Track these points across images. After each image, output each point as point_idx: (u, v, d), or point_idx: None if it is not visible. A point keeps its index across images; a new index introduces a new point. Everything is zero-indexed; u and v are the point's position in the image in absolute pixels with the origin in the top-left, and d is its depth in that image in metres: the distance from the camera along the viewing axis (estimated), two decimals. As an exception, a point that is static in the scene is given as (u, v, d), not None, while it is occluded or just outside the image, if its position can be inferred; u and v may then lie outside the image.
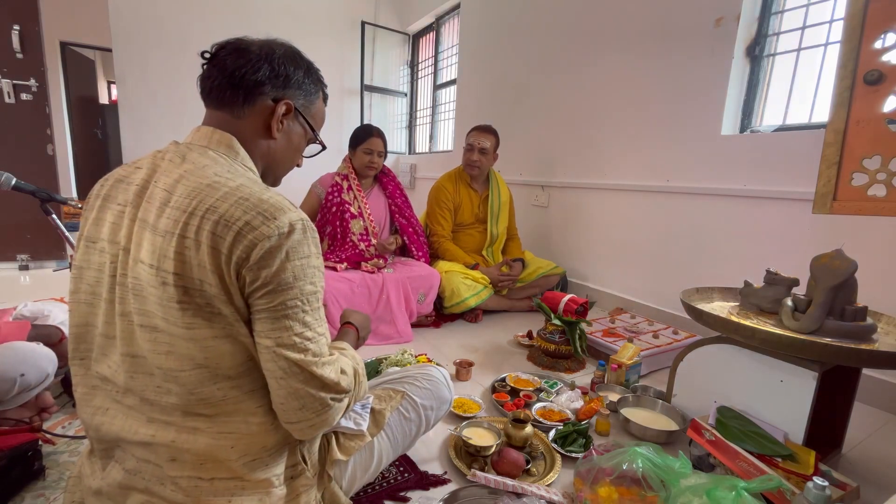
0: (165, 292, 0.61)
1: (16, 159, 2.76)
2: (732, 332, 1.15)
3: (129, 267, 0.64)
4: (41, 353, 1.18)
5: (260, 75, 0.72)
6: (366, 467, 0.90)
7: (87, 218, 0.71)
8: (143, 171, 0.69)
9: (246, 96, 0.72)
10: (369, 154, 2.13)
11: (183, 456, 0.66)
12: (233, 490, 0.68)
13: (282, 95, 0.75)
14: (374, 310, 1.98)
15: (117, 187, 0.70)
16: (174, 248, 0.60)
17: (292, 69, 0.75)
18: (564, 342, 1.78)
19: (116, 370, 0.67)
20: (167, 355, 0.63)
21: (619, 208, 2.48)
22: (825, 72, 1.75)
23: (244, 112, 0.73)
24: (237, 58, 0.71)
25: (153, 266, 0.61)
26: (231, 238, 0.60)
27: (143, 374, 0.65)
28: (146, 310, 0.63)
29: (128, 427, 0.67)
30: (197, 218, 0.61)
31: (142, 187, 0.67)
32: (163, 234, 0.61)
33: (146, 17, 3.65)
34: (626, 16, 2.37)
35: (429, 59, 4.60)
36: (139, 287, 0.63)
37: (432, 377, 1.06)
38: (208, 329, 0.63)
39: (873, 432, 1.39)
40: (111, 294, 0.67)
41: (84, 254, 0.70)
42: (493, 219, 2.52)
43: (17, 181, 1.33)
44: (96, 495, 0.69)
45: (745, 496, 0.81)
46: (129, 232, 0.66)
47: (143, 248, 0.63)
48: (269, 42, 0.75)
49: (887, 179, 1.10)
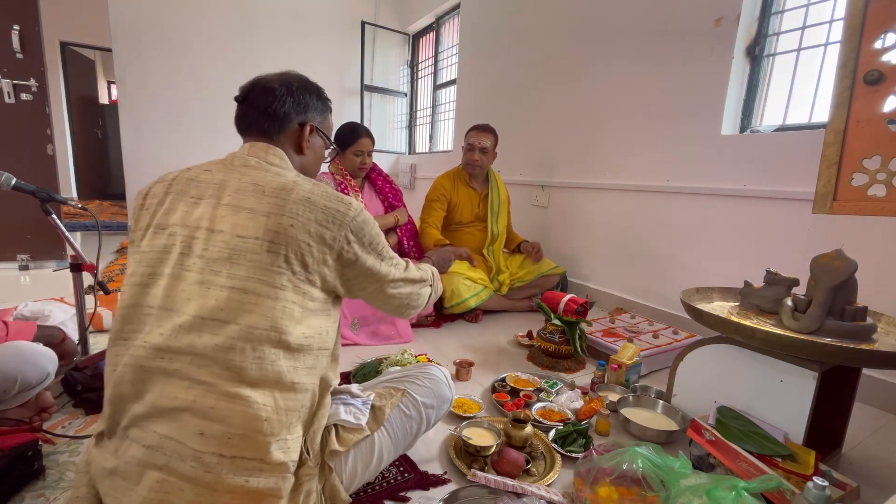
0: (269, 258, 0.74)
1: (16, 159, 2.76)
2: (732, 332, 1.15)
3: (220, 241, 0.75)
4: (42, 352, 1.19)
5: (286, 107, 0.89)
6: (366, 462, 0.91)
7: (155, 211, 0.81)
8: (214, 173, 0.83)
9: (279, 125, 0.89)
10: (360, 156, 2.10)
11: (213, 429, 0.68)
12: (251, 471, 0.70)
13: (304, 119, 0.93)
14: (375, 310, 1.98)
15: (189, 185, 0.82)
16: (284, 225, 0.75)
17: (308, 96, 0.93)
18: (564, 342, 1.78)
19: (172, 335, 0.72)
20: (249, 313, 0.72)
21: (620, 208, 2.49)
22: (825, 72, 1.75)
23: (280, 138, 0.90)
24: (266, 96, 0.88)
25: (258, 238, 0.74)
26: (329, 220, 0.79)
27: (210, 333, 0.71)
28: (239, 274, 0.73)
29: (167, 393, 0.70)
30: (297, 205, 0.77)
31: (220, 184, 0.80)
32: (266, 214, 0.75)
33: (146, 17, 3.65)
34: (625, 16, 2.37)
35: (429, 59, 4.60)
36: (237, 256, 0.74)
37: (433, 376, 1.06)
38: (292, 293, 0.75)
39: (873, 432, 1.39)
40: (178, 269, 0.75)
41: (151, 239, 0.79)
42: (494, 217, 2.52)
43: (17, 181, 1.32)
44: (110, 475, 0.70)
45: (745, 496, 0.81)
46: (212, 216, 0.77)
47: (241, 226, 0.75)
48: (285, 77, 0.93)
49: (887, 179, 1.10)
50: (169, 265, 0.75)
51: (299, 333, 0.75)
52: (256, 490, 0.70)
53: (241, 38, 4.07)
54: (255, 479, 0.70)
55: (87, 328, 1.54)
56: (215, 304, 0.71)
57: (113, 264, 3.05)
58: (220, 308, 0.71)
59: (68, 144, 5.60)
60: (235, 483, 0.69)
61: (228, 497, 0.69)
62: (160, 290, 0.74)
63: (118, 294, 0.81)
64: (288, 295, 0.75)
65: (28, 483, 0.99)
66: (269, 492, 0.71)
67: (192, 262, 0.74)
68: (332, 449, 0.84)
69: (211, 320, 0.71)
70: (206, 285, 0.73)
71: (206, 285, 0.73)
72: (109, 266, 3.01)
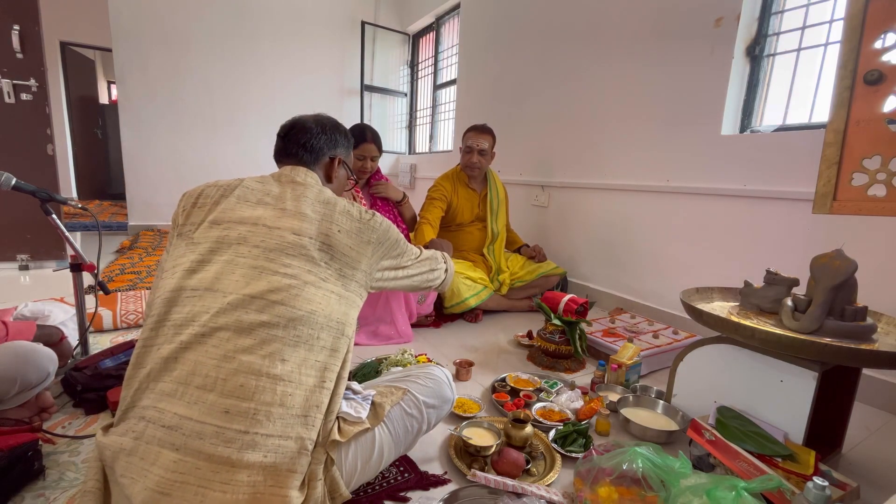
0: (319, 254, 0.88)
1: (16, 159, 2.76)
2: (732, 332, 1.15)
3: (278, 236, 0.86)
4: (42, 352, 1.18)
5: (321, 143, 1.07)
6: (366, 458, 0.91)
7: (210, 209, 0.91)
8: (269, 185, 0.96)
9: (315, 156, 1.06)
10: (361, 160, 2.05)
11: (240, 406, 0.73)
12: (271, 447, 0.73)
13: (334, 154, 1.10)
14: (374, 310, 1.98)
15: (246, 191, 0.94)
16: (331, 230, 0.90)
17: (338, 135, 1.11)
18: (564, 342, 1.78)
19: (219, 312, 0.79)
20: (296, 297, 0.82)
21: (620, 208, 2.48)
22: (825, 72, 1.75)
23: (314, 167, 1.06)
24: (305, 133, 1.05)
25: (312, 238, 0.88)
26: (363, 228, 0.95)
27: (256, 311, 0.79)
28: (293, 264, 0.85)
29: (198, 371, 0.75)
30: (341, 215, 0.93)
31: (279, 195, 0.94)
32: (319, 220, 0.91)
33: (146, 17, 3.65)
34: (626, 15, 2.37)
35: (429, 59, 4.60)
36: (291, 248, 0.86)
37: (435, 376, 1.07)
38: (333, 284, 0.88)
39: (873, 432, 1.39)
40: (232, 255, 0.84)
41: (205, 231, 0.88)
42: (493, 216, 2.52)
43: (17, 181, 1.32)
44: (128, 455, 0.71)
45: (745, 496, 0.81)
46: (272, 217, 0.89)
47: (298, 226, 0.88)
48: (320, 118, 1.10)
49: (887, 179, 1.10)
50: (223, 253, 0.85)
51: (334, 318, 0.86)
52: (274, 465, 0.73)
53: (241, 38, 4.08)
54: (274, 455, 0.73)
55: (88, 328, 1.54)
56: (267, 286, 0.81)
57: (113, 264, 3.05)
58: (272, 290, 0.81)
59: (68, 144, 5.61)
60: (254, 459, 0.71)
61: (246, 473, 0.70)
62: (209, 274, 0.83)
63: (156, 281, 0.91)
64: (329, 286, 0.87)
65: (28, 483, 0.99)
66: (286, 467, 0.74)
67: (247, 251, 0.84)
68: (332, 439, 0.85)
69: (260, 299, 0.80)
70: (259, 269, 0.83)
71: (259, 269, 0.83)
72: (109, 266, 3.00)
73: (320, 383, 0.82)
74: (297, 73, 4.37)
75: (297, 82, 4.39)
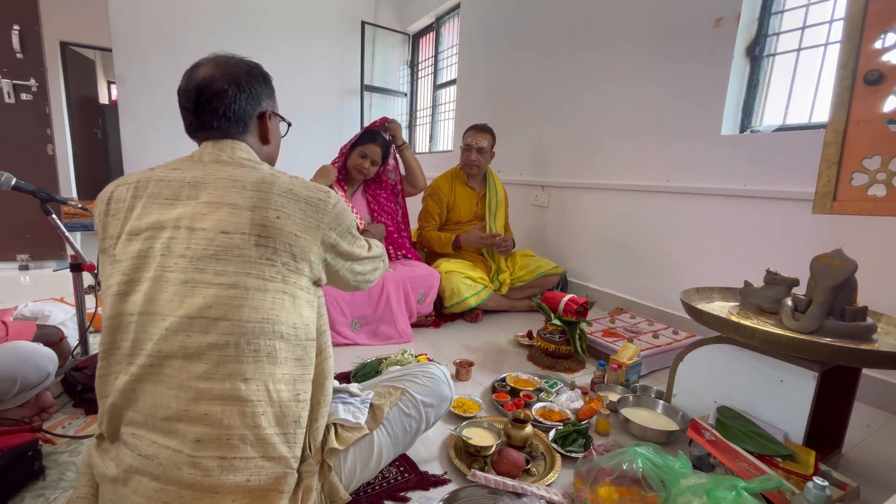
0: (257, 251, 0.73)
1: (16, 159, 2.76)
2: (732, 332, 1.15)
3: (204, 239, 0.73)
4: (42, 352, 1.19)
5: (243, 103, 0.85)
6: (366, 461, 0.91)
7: (126, 217, 0.77)
8: (184, 171, 0.79)
9: (244, 125, 0.87)
10: (362, 158, 2.08)
11: (210, 434, 0.68)
12: (253, 469, 0.70)
13: (262, 109, 0.89)
14: (374, 310, 1.98)
15: (159, 186, 0.78)
16: (269, 218, 0.75)
17: (256, 85, 0.88)
18: (564, 342, 1.78)
19: (161, 339, 0.70)
20: (239, 308, 0.71)
21: (620, 208, 2.48)
22: (825, 72, 1.75)
23: (245, 135, 0.88)
24: (219, 100, 0.83)
25: (244, 234, 0.73)
26: (312, 210, 0.79)
27: (199, 332, 0.70)
28: (228, 270, 0.72)
29: (158, 402, 0.69)
30: (281, 197, 0.76)
31: (194, 183, 0.77)
32: (250, 208, 0.74)
33: (146, 17, 3.65)
34: (626, 15, 2.36)
35: (429, 59, 4.60)
36: (223, 252, 0.72)
37: (433, 375, 1.07)
38: (283, 283, 0.76)
39: (873, 432, 1.39)
40: (159, 271, 0.72)
41: (125, 246, 0.76)
42: (492, 216, 2.52)
43: (17, 181, 1.32)
44: (113, 482, 0.70)
45: (745, 496, 0.81)
46: (191, 215, 0.74)
47: (225, 222, 0.73)
48: (227, 70, 0.85)
49: (887, 179, 1.10)
50: (149, 269, 0.73)
51: (290, 323, 0.76)
52: (258, 487, 0.70)
53: (241, 38, 4.07)
54: (257, 477, 0.70)
55: (88, 328, 1.54)
56: (203, 301, 0.70)
57: (113, 264, 3.05)
58: (209, 305, 0.70)
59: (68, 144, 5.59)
60: (236, 482, 0.69)
61: (230, 498, 0.69)
62: (140, 296, 0.72)
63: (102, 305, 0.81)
64: (278, 286, 0.75)
65: (28, 483, 0.99)
66: (270, 487, 0.72)
67: (173, 263, 0.72)
68: (330, 447, 0.84)
69: (200, 318, 0.70)
70: (191, 284, 0.71)
71: (191, 284, 0.71)
72: (109, 266, 3.00)
73: (294, 397, 0.75)
74: (297, 72, 4.36)
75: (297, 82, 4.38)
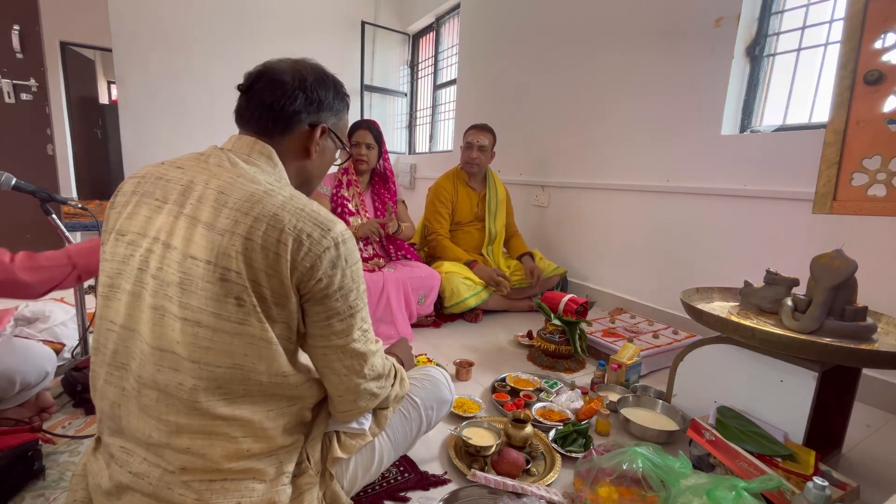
0: (222, 288, 0.62)
1: (16, 159, 2.76)
2: (732, 332, 1.14)
3: (174, 261, 0.64)
4: (41, 352, 1.19)
5: (297, 105, 0.75)
6: (367, 467, 0.90)
7: (120, 213, 0.71)
8: (186, 171, 0.71)
9: (286, 126, 0.76)
10: (356, 146, 2.08)
11: (195, 463, 0.66)
12: (244, 490, 0.69)
13: (317, 120, 0.79)
14: (375, 310, 1.98)
15: (156, 184, 0.70)
16: (237, 248, 0.62)
17: (323, 93, 0.79)
18: (564, 342, 1.78)
19: (141, 363, 0.65)
20: (206, 350, 0.63)
21: (620, 208, 2.48)
22: (825, 72, 1.75)
23: (283, 138, 0.77)
24: (274, 90, 0.74)
25: (210, 262, 0.62)
26: (294, 245, 0.64)
27: (169, 368, 0.64)
28: (191, 304, 0.63)
29: (141, 428, 0.67)
30: (259, 221, 0.63)
31: (186, 187, 0.68)
32: (221, 232, 0.63)
33: (146, 17, 3.65)
34: (626, 15, 2.36)
35: (429, 59, 4.60)
36: (188, 282, 0.63)
37: (433, 378, 1.06)
38: (256, 328, 0.65)
39: (873, 432, 1.39)
40: (137, 286, 0.66)
41: (112, 246, 0.70)
42: (491, 216, 2.52)
43: (17, 181, 1.32)
44: (106, 496, 0.69)
45: (745, 496, 0.81)
46: (170, 227, 0.65)
47: (195, 244, 0.63)
48: (298, 67, 0.78)
49: (887, 179, 1.10)
50: (128, 280, 0.67)
51: (273, 372, 0.67)
52: None
53: (241, 38, 4.07)
54: (249, 499, 0.68)
55: (88, 328, 1.54)
56: (172, 335, 0.63)
57: (113, 264, 3.05)
58: (177, 341, 0.63)
59: (68, 144, 5.59)
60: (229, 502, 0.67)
61: None
62: (122, 307, 0.67)
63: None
64: (250, 330, 0.64)
65: (28, 483, 0.99)
66: None
67: (147, 281, 0.65)
68: (334, 456, 0.82)
69: (170, 353, 0.64)
70: (160, 311, 0.64)
71: (160, 311, 0.64)
72: (109, 266, 3.00)
73: (281, 433, 0.71)
74: (297, 73, 4.37)
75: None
